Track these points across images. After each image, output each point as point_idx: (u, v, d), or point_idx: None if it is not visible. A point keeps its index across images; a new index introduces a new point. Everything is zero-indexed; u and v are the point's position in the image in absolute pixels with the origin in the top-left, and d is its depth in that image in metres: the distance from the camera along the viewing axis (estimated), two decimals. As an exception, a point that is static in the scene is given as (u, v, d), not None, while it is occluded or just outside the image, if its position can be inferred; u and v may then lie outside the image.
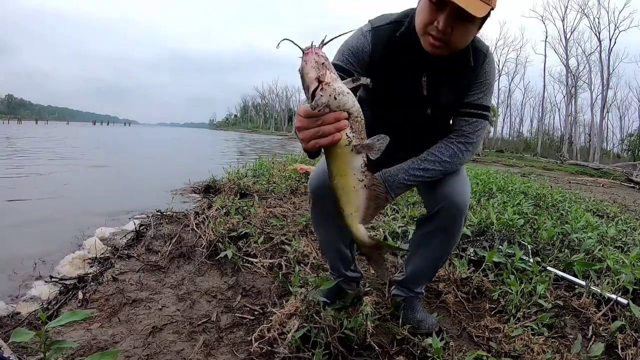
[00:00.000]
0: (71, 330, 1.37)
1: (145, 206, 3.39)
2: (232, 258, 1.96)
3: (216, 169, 4.92)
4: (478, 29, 1.08)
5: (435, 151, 1.21)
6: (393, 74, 1.17)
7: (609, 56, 28.78)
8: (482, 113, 1.23)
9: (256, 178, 4.30)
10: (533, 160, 21.10)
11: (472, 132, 1.22)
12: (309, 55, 0.75)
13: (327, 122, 0.75)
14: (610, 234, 2.58)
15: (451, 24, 1.00)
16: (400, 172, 1.18)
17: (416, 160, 1.20)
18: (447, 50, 1.06)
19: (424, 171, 1.19)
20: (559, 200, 4.22)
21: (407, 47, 1.13)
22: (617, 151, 38.99)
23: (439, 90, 1.19)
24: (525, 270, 1.83)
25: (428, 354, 1.24)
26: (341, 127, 0.75)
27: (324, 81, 0.74)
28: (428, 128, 1.28)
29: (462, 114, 1.23)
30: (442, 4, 0.98)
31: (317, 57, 0.75)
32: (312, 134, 0.76)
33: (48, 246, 2.39)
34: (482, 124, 1.24)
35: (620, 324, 1.44)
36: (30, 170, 5.79)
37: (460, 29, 1.02)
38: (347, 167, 0.82)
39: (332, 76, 0.75)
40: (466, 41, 1.08)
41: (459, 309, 1.59)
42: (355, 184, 0.84)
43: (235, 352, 1.30)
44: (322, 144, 0.77)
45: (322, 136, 0.76)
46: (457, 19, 0.99)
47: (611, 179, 11.51)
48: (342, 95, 0.75)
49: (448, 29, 1.00)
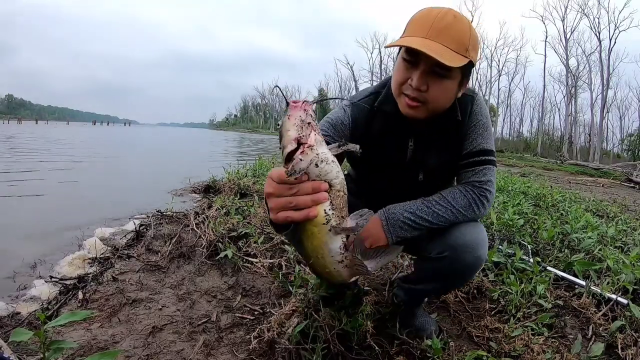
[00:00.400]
0: (71, 330, 1.37)
1: (145, 206, 3.38)
2: (232, 258, 1.96)
3: (216, 169, 4.92)
4: (459, 86, 1.00)
5: (448, 196, 1.06)
6: (377, 142, 1.11)
7: (609, 56, 28.84)
8: (487, 159, 1.10)
9: (256, 178, 4.30)
10: (533, 160, 21.10)
11: (484, 181, 1.08)
12: (295, 110, 0.64)
13: (303, 192, 0.64)
14: (610, 234, 2.58)
15: (426, 81, 0.94)
16: (405, 212, 1.03)
17: (426, 201, 1.06)
18: (425, 111, 0.99)
19: (434, 216, 1.03)
20: (559, 200, 4.23)
21: (388, 114, 1.09)
22: (617, 151, 39.01)
23: (429, 152, 1.12)
24: (525, 270, 1.83)
25: (428, 354, 1.24)
26: (319, 200, 0.65)
27: (306, 143, 0.63)
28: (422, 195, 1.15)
29: (465, 165, 1.11)
30: (415, 60, 0.94)
31: (303, 114, 0.64)
32: (284, 203, 0.65)
33: (48, 246, 2.39)
34: (491, 171, 1.10)
35: (620, 324, 1.44)
36: (32, 170, 5.79)
37: (436, 85, 0.95)
38: (325, 249, 0.70)
39: (317, 138, 0.64)
40: (444, 99, 1.00)
41: (459, 309, 1.59)
42: (335, 266, 0.73)
43: (235, 352, 1.30)
44: (294, 219, 0.66)
45: (296, 208, 0.65)
46: (431, 74, 0.94)
47: (611, 179, 11.51)
48: (325, 163, 0.64)
49: (423, 85, 0.94)
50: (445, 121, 1.08)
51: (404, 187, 1.16)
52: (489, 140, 1.11)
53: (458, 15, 0.95)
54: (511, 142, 41.31)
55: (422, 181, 1.15)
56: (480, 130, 1.10)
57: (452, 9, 0.96)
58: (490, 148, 1.11)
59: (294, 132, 0.63)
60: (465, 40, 0.93)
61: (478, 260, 1.07)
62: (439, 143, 1.12)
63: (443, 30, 0.91)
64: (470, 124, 1.10)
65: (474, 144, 1.10)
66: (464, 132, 1.11)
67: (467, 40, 0.93)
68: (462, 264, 1.07)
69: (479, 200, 1.06)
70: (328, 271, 0.76)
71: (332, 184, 0.67)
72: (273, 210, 0.67)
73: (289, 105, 0.65)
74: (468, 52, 0.93)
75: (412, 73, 0.95)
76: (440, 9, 0.95)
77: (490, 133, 1.13)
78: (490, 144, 1.12)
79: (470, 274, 1.14)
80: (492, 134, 1.14)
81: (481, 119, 1.11)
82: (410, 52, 0.94)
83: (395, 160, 1.14)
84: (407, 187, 1.16)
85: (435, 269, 1.14)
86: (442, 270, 1.11)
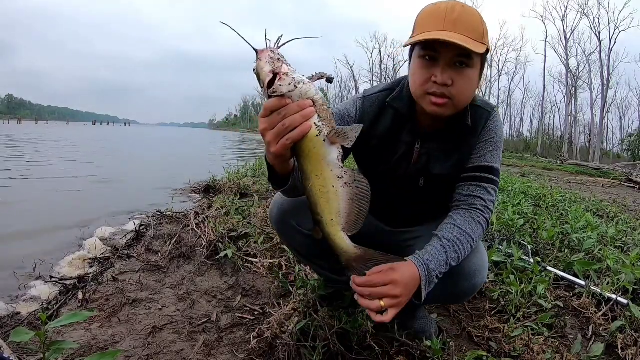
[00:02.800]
0: (71, 331, 1.37)
1: (145, 206, 3.39)
2: (232, 258, 1.96)
3: (216, 169, 4.92)
4: (479, 78, 0.98)
5: (467, 229, 1.01)
6: (383, 140, 1.09)
7: (609, 56, 28.85)
8: (493, 178, 1.07)
9: (256, 178, 4.30)
10: (533, 160, 21.10)
11: (487, 201, 1.05)
12: (263, 53, 0.69)
13: (292, 113, 0.68)
14: (610, 234, 2.58)
15: (450, 75, 0.92)
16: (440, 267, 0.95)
17: (455, 246, 0.98)
18: (452, 108, 0.96)
19: (459, 259, 0.98)
20: (559, 200, 4.23)
21: (399, 113, 1.07)
22: (617, 151, 39.02)
23: (434, 159, 1.09)
24: (525, 270, 1.83)
25: (428, 355, 1.24)
26: (308, 115, 0.69)
27: (280, 72, 0.68)
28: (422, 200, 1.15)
29: (471, 178, 1.07)
30: (435, 55, 0.92)
31: (271, 54, 0.69)
32: (278, 130, 0.69)
33: (48, 246, 2.39)
34: (495, 192, 1.08)
35: (620, 324, 1.44)
36: (31, 170, 5.79)
37: (461, 78, 0.93)
38: (323, 163, 0.74)
39: (290, 68, 0.69)
40: (470, 91, 0.97)
41: (459, 309, 1.59)
42: (334, 183, 0.75)
43: (235, 352, 1.30)
44: (293, 138, 0.69)
45: (290, 129, 0.69)
46: (454, 67, 0.92)
47: (611, 179, 11.51)
48: (302, 84, 0.69)
49: (448, 80, 0.92)
50: (454, 125, 1.06)
51: (403, 190, 1.15)
52: (498, 160, 1.10)
53: (466, 5, 0.95)
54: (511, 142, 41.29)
55: (422, 187, 1.13)
56: (492, 147, 1.08)
57: (458, 1, 0.95)
58: (498, 168, 1.09)
59: (268, 67, 0.69)
60: (480, 27, 0.93)
61: (474, 287, 1.06)
62: (446, 150, 1.09)
63: (457, 21, 0.90)
64: (483, 139, 1.08)
65: (483, 160, 1.07)
66: (473, 143, 1.08)
67: (482, 26, 0.93)
68: (457, 289, 1.06)
69: (486, 223, 1.05)
70: (327, 193, 0.76)
71: (314, 99, 0.71)
72: (271, 142, 0.71)
73: (257, 51, 0.70)
74: (484, 39, 0.93)
75: (434, 69, 0.93)
76: (448, 2, 0.94)
77: (500, 153, 1.10)
78: (499, 164, 1.10)
79: (464, 299, 1.14)
80: (501, 155, 1.12)
81: (495, 137, 1.09)
82: (429, 47, 0.93)
83: (399, 161, 1.11)
84: (407, 191, 1.15)
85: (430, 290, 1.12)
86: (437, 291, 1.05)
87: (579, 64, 31.84)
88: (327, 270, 1.33)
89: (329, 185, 0.75)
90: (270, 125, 0.70)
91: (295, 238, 1.18)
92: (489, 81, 39.77)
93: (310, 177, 0.75)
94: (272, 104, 0.69)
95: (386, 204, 1.13)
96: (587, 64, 31.38)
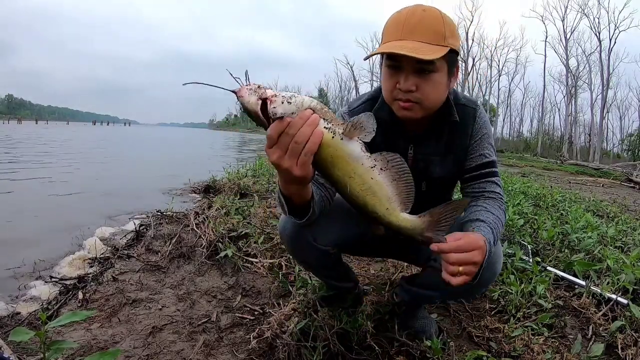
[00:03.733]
0: (71, 330, 1.37)
1: (145, 206, 3.39)
2: (232, 258, 1.96)
3: (216, 169, 4.92)
4: (449, 77, 0.99)
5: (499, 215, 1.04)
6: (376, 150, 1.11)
7: (609, 56, 28.86)
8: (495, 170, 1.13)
9: (256, 178, 4.30)
10: (533, 160, 21.10)
11: (499, 193, 1.10)
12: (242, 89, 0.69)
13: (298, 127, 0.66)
14: (610, 234, 2.58)
15: (414, 81, 0.94)
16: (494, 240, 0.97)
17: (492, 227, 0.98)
18: (421, 110, 0.98)
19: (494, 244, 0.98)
20: (559, 200, 4.22)
21: (384, 121, 1.05)
22: (617, 151, 39.04)
23: (432, 163, 1.11)
24: (525, 270, 1.83)
25: (428, 355, 1.24)
26: (314, 122, 0.67)
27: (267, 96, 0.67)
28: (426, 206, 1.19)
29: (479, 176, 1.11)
30: (397, 64, 0.94)
31: (249, 86, 0.69)
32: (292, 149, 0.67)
33: (48, 246, 2.39)
34: (500, 181, 1.13)
35: (620, 324, 1.44)
36: (31, 170, 5.80)
37: (425, 83, 0.94)
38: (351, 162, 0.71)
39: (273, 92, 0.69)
40: (437, 94, 0.98)
41: (459, 309, 1.59)
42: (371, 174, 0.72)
43: (235, 352, 1.30)
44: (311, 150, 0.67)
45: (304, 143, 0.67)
46: (417, 73, 0.93)
47: (611, 179, 11.50)
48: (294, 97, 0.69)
49: (412, 86, 0.94)
50: (440, 122, 1.07)
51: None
52: (494, 151, 1.14)
53: (427, 8, 0.94)
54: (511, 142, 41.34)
55: (425, 191, 1.12)
56: (486, 143, 1.12)
57: (420, 4, 0.95)
58: (495, 159, 1.14)
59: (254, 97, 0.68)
60: (440, 29, 0.92)
61: (493, 276, 1.06)
62: (440, 151, 1.10)
63: (416, 27, 0.91)
64: (476, 137, 1.11)
65: (483, 157, 1.11)
66: (466, 142, 1.10)
67: (442, 28, 0.92)
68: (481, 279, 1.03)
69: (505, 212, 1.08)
70: (369, 188, 0.73)
71: (312, 107, 0.69)
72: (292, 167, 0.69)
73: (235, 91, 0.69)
74: (446, 40, 0.92)
75: (398, 77, 0.95)
76: (409, 7, 0.94)
77: (492, 143, 1.15)
78: (495, 154, 1.14)
79: (482, 290, 1.14)
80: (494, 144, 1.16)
81: (486, 132, 1.12)
82: (391, 57, 0.95)
83: None
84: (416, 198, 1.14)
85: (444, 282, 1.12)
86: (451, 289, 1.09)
87: (579, 64, 31.90)
88: (334, 280, 1.32)
89: (368, 180, 0.72)
90: (283, 149, 0.68)
91: (310, 254, 1.13)
92: (489, 81, 39.79)
93: (345, 182, 0.72)
94: (275, 128, 0.67)
95: None
96: (587, 64, 31.44)
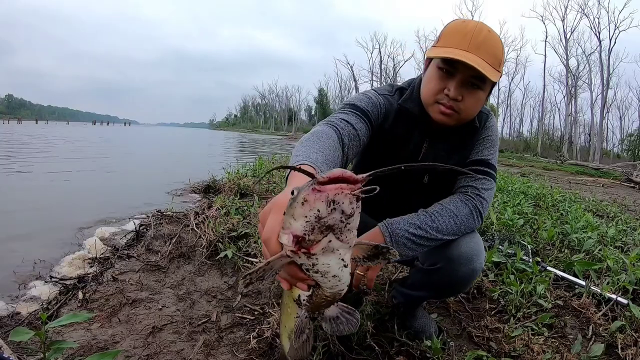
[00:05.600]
0: (71, 330, 1.37)
1: (145, 206, 3.38)
2: (232, 258, 1.96)
3: (216, 169, 4.92)
4: (487, 99, 1.05)
5: (449, 205, 1.03)
6: (395, 140, 1.12)
7: (609, 56, 28.82)
8: (489, 171, 1.10)
9: (256, 178, 4.30)
10: (533, 160, 21.10)
11: (481, 189, 1.07)
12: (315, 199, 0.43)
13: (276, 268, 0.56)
14: (610, 234, 2.58)
15: (462, 92, 0.98)
16: (410, 227, 0.98)
17: (427, 213, 1.01)
18: (457, 120, 1.02)
19: (438, 230, 0.99)
20: (559, 200, 4.23)
21: (410, 113, 1.09)
22: (617, 151, 39.00)
23: (439, 157, 1.12)
24: (525, 270, 1.83)
25: (428, 355, 1.24)
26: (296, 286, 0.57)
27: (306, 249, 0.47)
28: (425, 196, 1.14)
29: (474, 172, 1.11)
30: (452, 71, 0.97)
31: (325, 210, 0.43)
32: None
33: (48, 246, 2.38)
34: (490, 183, 1.09)
35: (620, 324, 1.44)
36: (31, 170, 5.79)
37: (471, 96, 0.99)
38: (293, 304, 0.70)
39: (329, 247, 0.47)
40: (475, 110, 1.04)
41: (459, 309, 1.59)
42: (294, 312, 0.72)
43: (235, 352, 1.30)
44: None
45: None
46: (467, 85, 0.97)
47: (611, 179, 11.51)
48: (320, 275, 0.51)
49: (459, 96, 0.98)
50: (463, 127, 1.09)
51: (407, 187, 1.16)
52: (494, 156, 1.14)
53: (492, 30, 0.98)
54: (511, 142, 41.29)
55: (427, 184, 1.15)
56: (489, 144, 1.14)
57: (484, 24, 0.99)
58: (494, 163, 1.13)
59: (299, 228, 0.45)
60: (500, 55, 0.98)
61: (473, 272, 1.06)
62: (450, 149, 1.12)
63: (482, 45, 0.94)
64: (481, 137, 1.14)
65: (480, 155, 1.13)
66: (473, 142, 1.14)
67: (501, 55, 0.99)
68: (456, 276, 1.06)
69: (477, 209, 1.05)
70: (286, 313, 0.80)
71: (321, 287, 0.55)
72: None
73: (311, 187, 0.43)
74: (500, 66, 0.98)
75: (448, 83, 0.98)
76: (476, 23, 0.98)
77: (496, 150, 1.15)
78: (494, 160, 1.14)
79: (464, 287, 1.13)
80: (497, 153, 1.16)
81: (491, 135, 1.15)
82: (449, 62, 0.97)
83: (406, 160, 1.12)
84: (411, 188, 1.17)
85: (428, 281, 1.14)
86: (435, 282, 1.11)
87: (579, 64, 31.84)
88: None
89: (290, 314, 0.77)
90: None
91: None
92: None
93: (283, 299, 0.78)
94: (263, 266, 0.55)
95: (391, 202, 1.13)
96: (587, 64, 31.38)
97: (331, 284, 0.53)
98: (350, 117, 0.98)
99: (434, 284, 1.13)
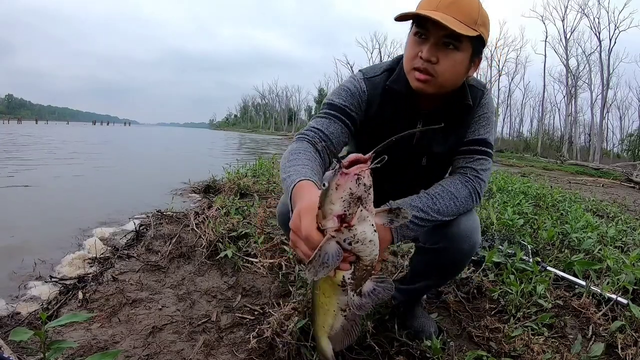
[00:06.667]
0: (71, 330, 1.37)
1: (145, 206, 3.38)
2: (232, 258, 1.96)
3: (216, 169, 4.92)
4: (469, 64, 1.00)
5: (450, 187, 1.04)
6: (386, 123, 1.11)
7: (609, 56, 28.78)
8: (486, 150, 1.10)
9: (256, 178, 4.30)
10: (533, 160, 21.09)
11: (479, 170, 1.08)
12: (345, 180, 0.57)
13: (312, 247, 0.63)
14: (610, 234, 2.58)
15: (436, 53, 0.95)
16: (412, 209, 0.98)
17: (429, 195, 1.02)
18: (435, 86, 0.99)
19: (439, 212, 1.01)
20: (559, 200, 4.22)
21: (398, 93, 1.07)
22: (617, 151, 38.99)
23: (435, 137, 1.11)
24: (525, 270, 1.83)
25: (428, 355, 1.24)
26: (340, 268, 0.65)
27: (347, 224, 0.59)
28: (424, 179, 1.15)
29: (464, 152, 1.11)
30: (425, 33, 0.95)
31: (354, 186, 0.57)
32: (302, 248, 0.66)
33: (48, 246, 2.39)
34: (488, 162, 1.10)
35: (620, 324, 1.44)
36: (31, 170, 5.79)
37: (446, 58, 0.96)
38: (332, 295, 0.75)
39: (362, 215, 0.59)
40: (454, 74, 0.99)
41: (459, 309, 1.59)
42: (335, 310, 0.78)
43: (235, 352, 1.30)
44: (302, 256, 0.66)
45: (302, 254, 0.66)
46: (442, 46, 0.95)
47: (611, 179, 11.50)
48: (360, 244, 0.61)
49: (433, 57, 0.95)
50: (455, 104, 1.08)
51: (406, 170, 1.17)
52: (490, 133, 1.13)
53: None
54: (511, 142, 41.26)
55: (425, 166, 1.16)
56: (484, 122, 1.12)
57: None
58: (490, 141, 1.12)
59: (339, 208, 0.57)
60: (474, 14, 0.94)
61: (474, 246, 1.09)
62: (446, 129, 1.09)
63: (452, 4, 0.92)
64: (477, 115, 1.12)
65: (477, 134, 1.11)
66: (469, 120, 1.12)
67: (476, 14, 0.94)
68: (458, 252, 1.09)
69: (475, 190, 1.07)
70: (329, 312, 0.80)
71: (361, 258, 0.64)
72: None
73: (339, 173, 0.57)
74: (477, 26, 0.94)
75: (422, 46, 0.96)
76: None
77: (492, 127, 1.14)
78: (491, 137, 1.13)
79: (466, 262, 1.17)
80: (494, 129, 1.16)
81: (487, 112, 1.13)
82: (420, 24, 0.96)
83: (406, 144, 1.12)
84: (410, 171, 1.17)
85: (431, 260, 1.16)
86: (438, 260, 1.13)
87: (579, 64, 31.79)
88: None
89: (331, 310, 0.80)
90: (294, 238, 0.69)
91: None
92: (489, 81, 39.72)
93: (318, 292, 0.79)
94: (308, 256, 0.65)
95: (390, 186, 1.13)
96: (587, 64, 31.33)
97: (369, 250, 0.63)
98: (321, 123, 1.05)
99: (437, 264, 1.15)
